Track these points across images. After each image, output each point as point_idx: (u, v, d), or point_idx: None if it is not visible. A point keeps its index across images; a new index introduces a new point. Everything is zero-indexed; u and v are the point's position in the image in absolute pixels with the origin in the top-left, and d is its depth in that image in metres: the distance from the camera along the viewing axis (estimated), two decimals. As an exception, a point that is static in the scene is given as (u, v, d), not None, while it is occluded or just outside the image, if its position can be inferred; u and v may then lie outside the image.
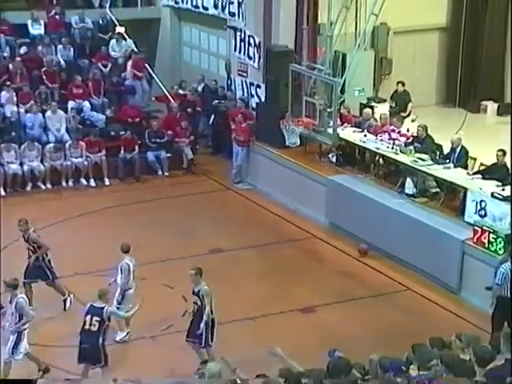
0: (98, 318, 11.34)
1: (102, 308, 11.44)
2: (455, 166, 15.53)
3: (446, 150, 16.07)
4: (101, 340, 11.38)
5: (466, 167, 15.59)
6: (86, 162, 19.20)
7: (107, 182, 19.41)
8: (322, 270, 15.56)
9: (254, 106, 19.84)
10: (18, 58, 20.87)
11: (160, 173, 19.92)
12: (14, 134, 19.23)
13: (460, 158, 15.66)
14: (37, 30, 21.85)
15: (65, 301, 13.87)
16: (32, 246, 13.73)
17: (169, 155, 20.00)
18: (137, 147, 19.71)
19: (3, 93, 19.93)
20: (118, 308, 12.53)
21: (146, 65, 21.89)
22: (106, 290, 11.90)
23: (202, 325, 11.80)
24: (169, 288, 14.38)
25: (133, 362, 12.41)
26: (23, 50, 21.38)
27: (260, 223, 17.52)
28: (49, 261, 13.83)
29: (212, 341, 11.99)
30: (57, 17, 22.15)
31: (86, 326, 11.37)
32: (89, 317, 11.38)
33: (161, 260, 15.41)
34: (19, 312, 11.61)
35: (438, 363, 7.87)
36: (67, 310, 13.80)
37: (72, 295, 13.93)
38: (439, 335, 9.18)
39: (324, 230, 17.02)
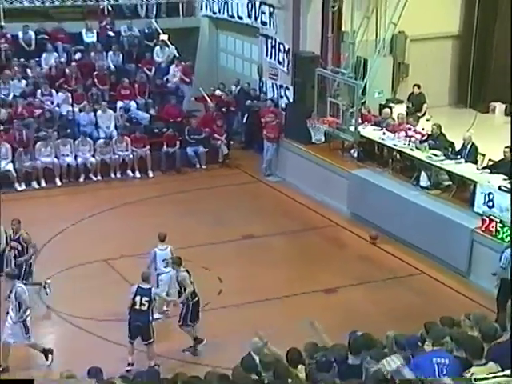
0: (147, 298, 11.37)
1: (149, 289, 11.48)
2: (466, 162, 15.40)
3: (458, 147, 15.95)
4: (150, 318, 11.42)
5: (475, 162, 15.44)
6: (131, 156, 19.26)
7: (151, 174, 19.44)
8: (343, 254, 15.50)
9: (283, 106, 19.76)
10: (73, 63, 20.93)
11: (198, 166, 19.91)
12: (69, 130, 19.34)
13: (470, 154, 15.52)
14: (90, 38, 21.90)
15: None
16: (21, 245, 12.96)
17: (206, 150, 19.98)
18: (178, 143, 19.72)
19: (60, 94, 20.03)
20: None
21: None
22: (148, 273, 11.94)
23: (181, 305, 11.82)
24: (206, 270, 14.39)
25: (173, 337, 12.39)
26: (78, 55, 21.45)
27: (288, 212, 17.47)
28: (31, 264, 13.04)
29: (193, 321, 11.89)
30: (108, 26, 22.21)
31: (137, 306, 11.37)
32: (138, 297, 11.36)
33: (198, 244, 15.42)
34: (18, 301, 11.25)
35: (449, 340, 7.78)
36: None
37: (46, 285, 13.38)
38: (450, 315, 9.09)
39: (346, 219, 16.93)
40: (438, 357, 7.19)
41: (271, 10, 19.92)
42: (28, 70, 20.56)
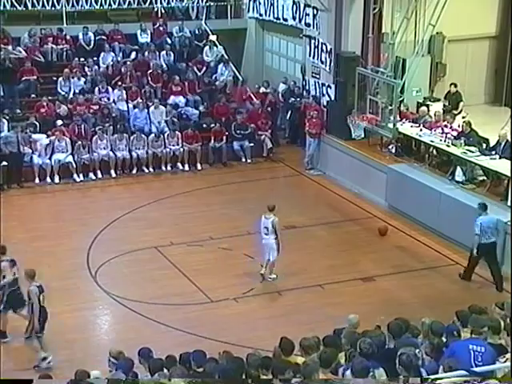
0: None
1: None
2: (500, 157, 15.13)
3: (493, 143, 15.68)
4: None
5: (510, 158, 15.15)
6: (181, 150, 19.33)
7: (199, 167, 19.48)
8: (381, 245, 15.34)
9: (325, 103, 19.63)
10: (129, 62, 21.10)
11: (244, 160, 19.88)
12: (123, 125, 19.49)
13: (505, 150, 15.23)
14: (144, 38, 22.04)
15: None
16: None
17: (251, 145, 19.95)
18: (224, 138, 19.74)
19: (116, 91, 20.21)
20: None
21: (234, 67, 21.92)
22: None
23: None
24: (249, 257, 14.40)
25: (219, 319, 12.43)
26: (133, 55, 21.63)
27: (328, 204, 17.38)
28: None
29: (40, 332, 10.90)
30: (161, 28, 22.32)
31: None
32: None
33: (243, 234, 15.43)
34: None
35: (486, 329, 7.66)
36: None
37: None
38: (483, 304, 8.96)
39: (384, 211, 16.76)
40: (474, 344, 7.07)
41: (315, 12, 19.80)
42: (86, 69, 20.78)
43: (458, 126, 16.69)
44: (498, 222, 13.46)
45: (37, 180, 18.04)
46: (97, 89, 20.13)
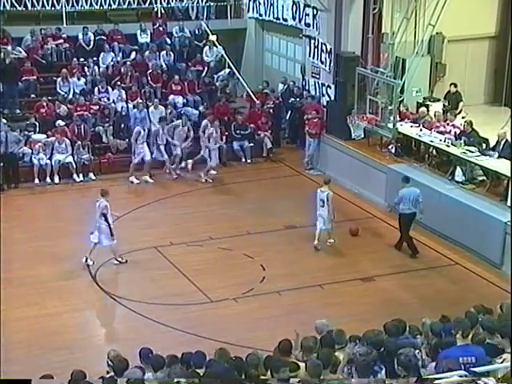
0: None
1: None
2: (500, 157, 15.12)
3: (492, 143, 15.67)
4: None
5: (509, 158, 15.14)
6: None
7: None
8: (381, 245, 15.34)
9: (325, 103, 19.64)
10: (128, 62, 21.10)
11: (243, 160, 19.88)
12: (123, 125, 19.49)
13: (504, 150, 15.23)
14: (144, 38, 22.03)
15: None
16: None
17: (251, 145, 19.96)
18: (224, 138, 19.74)
19: (115, 91, 20.21)
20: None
21: (234, 68, 21.92)
22: None
23: None
24: (249, 258, 14.39)
25: (219, 319, 12.44)
26: (133, 55, 21.62)
27: (328, 204, 17.35)
28: None
29: None
30: (161, 28, 22.32)
31: None
32: None
33: (243, 234, 15.43)
34: (101, 211, 13.50)
35: (480, 329, 7.64)
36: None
37: None
38: (481, 303, 8.97)
39: (384, 211, 16.74)
40: (465, 356, 6.92)
41: (315, 12, 19.80)
42: (86, 69, 20.77)
43: (460, 125, 16.71)
44: (419, 195, 14.45)
45: (36, 180, 18.04)
46: (96, 89, 20.13)
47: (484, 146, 15.74)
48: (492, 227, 14.10)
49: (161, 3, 22.27)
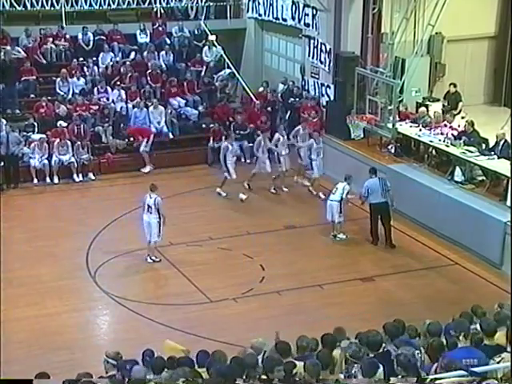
0: None
1: None
2: (499, 157, 15.13)
3: (492, 143, 15.68)
4: None
5: (508, 158, 15.16)
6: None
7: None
8: (380, 245, 15.33)
9: (324, 103, 19.66)
10: (128, 62, 21.12)
11: (243, 160, 19.88)
12: (122, 125, 19.50)
13: (503, 150, 15.24)
14: (143, 38, 22.04)
15: None
16: None
17: (250, 145, 19.95)
18: (223, 137, 19.74)
19: (115, 91, 20.22)
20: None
21: (233, 68, 21.93)
22: None
23: None
24: (248, 258, 14.40)
25: (218, 319, 12.46)
26: (132, 55, 21.63)
27: (328, 204, 17.35)
28: None
29: None
30: (160, 28, 22.33)
31: None
32: None
33: (242, 234, 15.44)
34: (157, 208, 13.74)
35: (478, 329, 7.65)
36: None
37: None
38: (483, 304, 8.98)
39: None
40: (467, 358, 6.95)
41: (314, 12, 19.82)
42: (86, 69, 20.78)
43: (458, 126, 16.72)
44: (384, 184, 14.78)
45: (35, 180, 18.05)
46: (96, 89, 20.14)
47: (484, 146, 15.74)
48: (491, 227, 14.11)
49: (160, 3, 22.27)
